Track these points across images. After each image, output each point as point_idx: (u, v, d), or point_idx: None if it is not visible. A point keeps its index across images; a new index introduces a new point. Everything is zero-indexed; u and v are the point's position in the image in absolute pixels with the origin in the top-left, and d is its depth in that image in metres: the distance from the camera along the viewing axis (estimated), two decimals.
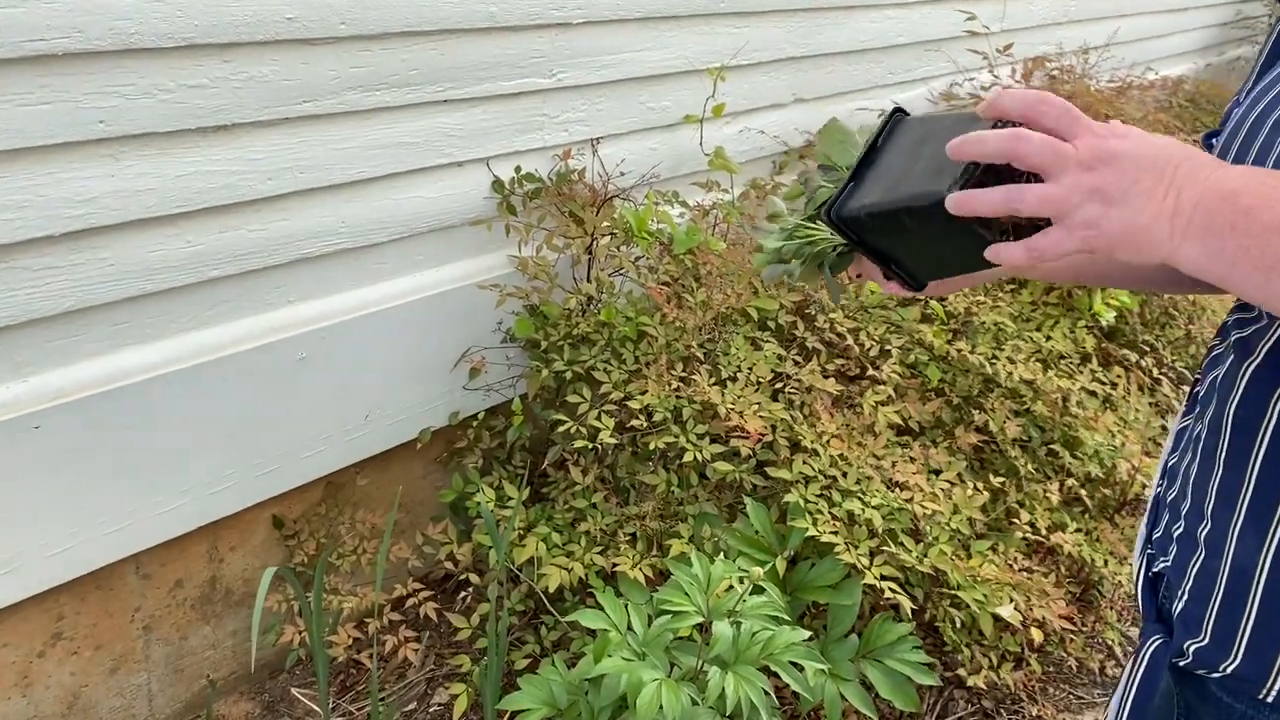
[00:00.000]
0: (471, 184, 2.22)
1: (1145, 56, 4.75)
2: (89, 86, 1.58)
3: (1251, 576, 0.84)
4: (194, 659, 2.10)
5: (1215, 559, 0.89)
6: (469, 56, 2.10)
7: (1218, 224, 0.71)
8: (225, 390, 1.89)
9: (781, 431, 2.10)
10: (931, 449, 2.25)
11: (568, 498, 2.20)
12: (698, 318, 2.21)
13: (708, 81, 2.58)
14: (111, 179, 1.65)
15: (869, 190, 0.92)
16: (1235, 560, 0.86)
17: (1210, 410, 0.92)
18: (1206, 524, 0.90)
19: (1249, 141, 0.82)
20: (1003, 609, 1.94)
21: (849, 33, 3.05)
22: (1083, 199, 0.76)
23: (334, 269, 2.03)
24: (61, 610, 1.85)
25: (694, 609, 1.71)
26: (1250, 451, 0.85)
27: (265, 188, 1.85)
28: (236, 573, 2.11)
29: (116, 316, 1.75)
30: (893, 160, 0.92)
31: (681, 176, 2.66)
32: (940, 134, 0.86)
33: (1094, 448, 2.40)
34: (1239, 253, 0.70)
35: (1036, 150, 0.76)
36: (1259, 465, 0.84)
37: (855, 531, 2.02)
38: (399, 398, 2.20)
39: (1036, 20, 3.93)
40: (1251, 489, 0.85)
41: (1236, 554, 0.86)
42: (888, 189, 0.90)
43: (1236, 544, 0.86)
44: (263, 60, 1.77)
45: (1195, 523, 0.93)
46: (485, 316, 2.28)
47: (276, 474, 2.03)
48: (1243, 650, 0.85)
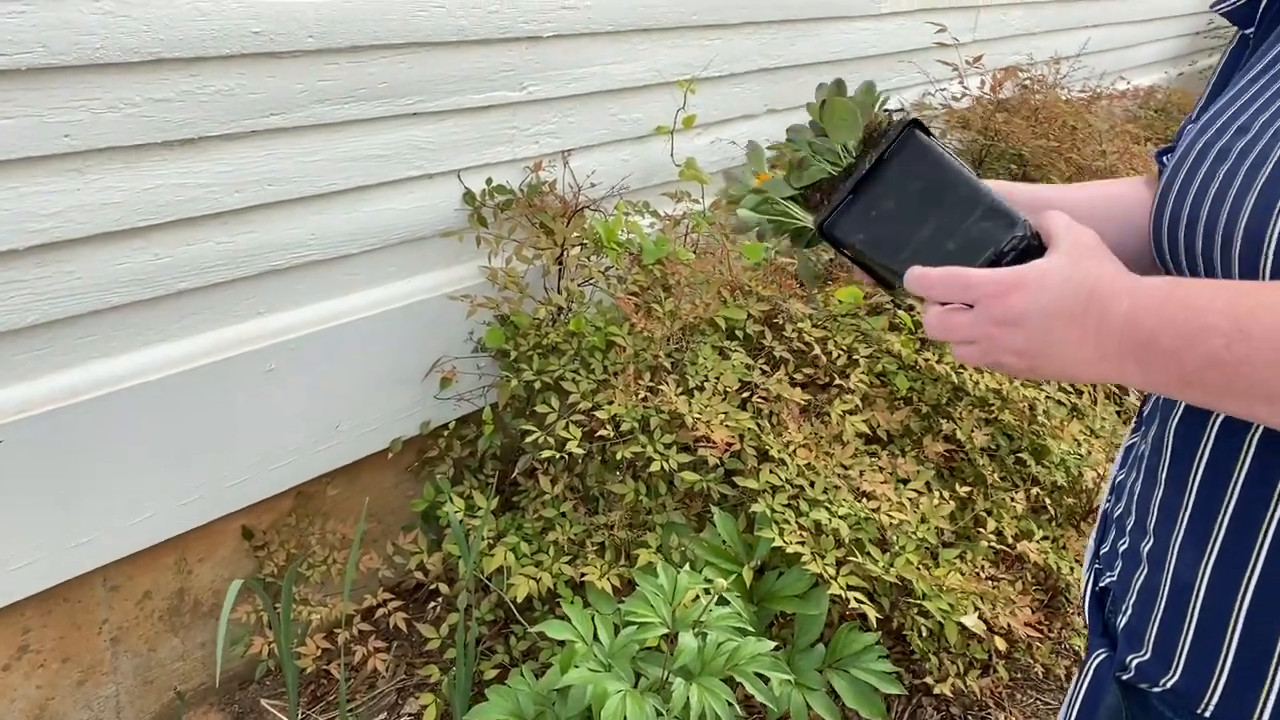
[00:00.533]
0: (442, 196, 2.23)
1: (1118, 66, 4.80)
2: (54, 101, 1.59)
3: (1191, 592, 0.86)
4: (163, 670, 2.10)
5: (1157, 575, 0.90)
6: (439, 70, 2.11)
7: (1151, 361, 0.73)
8: (193, 402, 1.89)
9: (749, 441, 2.12)
10: (899, 458, 2.27)
11: (537, 507, 2.20)
12: (666, 327, 2.22)
13: (679, 93, 2.60)
14: (77, 192, 1.66)
15: (863, 224, 0.93)
16: (1176, 576, 0.87)
17: (1154, 429, 0.93)
18: (1149, 540, 0.92)
19: (1193, 171, 0.83)
20: (966, 618, 1.96)
21: (821, 44, 3.07)
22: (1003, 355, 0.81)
23: (304, 281, 2.04)
24: (27, 623, 1.85)
25: (659, 620, 1.73)
26: (1190, 470, 0.86)
27: (233, 200, 1.85)
28: (205, 584, 2.11)
29: (82, 330, 1.75)
30: (893, 200, 0.91)
31: (653, 187, 2.68)
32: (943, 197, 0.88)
33: (1060, 456, 2.42)
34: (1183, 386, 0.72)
35: (959, 333, 0.83)
36: (1198, 483, 0.85)
37: (822, 541, 2.03)
38: (370, 408, 2.20)
39: (1010, 31, 3.97)
40: (1191, 506, 0.86)
41: (1177, 570, 0.87)
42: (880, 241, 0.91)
43: (1177, 560, 0.87)
44: (229, 74, 1.78)
45: (1139, 539, 0.94)
46: (456, 327, 2.29)
47: (245, 485, 2.04)
48: (1182, 665, 0.86)
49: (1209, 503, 0.84)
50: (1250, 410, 0.69)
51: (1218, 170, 0.80)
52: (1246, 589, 0.80)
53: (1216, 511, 0.83)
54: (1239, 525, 0.80)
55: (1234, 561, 0.80)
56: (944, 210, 0.89)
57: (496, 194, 2.30)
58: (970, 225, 0.88)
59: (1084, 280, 0.78)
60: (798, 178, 1.00)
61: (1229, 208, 0.76)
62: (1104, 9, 4.57)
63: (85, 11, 1.57)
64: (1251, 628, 0.79)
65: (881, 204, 0.92)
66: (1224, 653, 0.82)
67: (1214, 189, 0.79)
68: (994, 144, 3.07)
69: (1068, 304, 0.78)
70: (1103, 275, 0.78)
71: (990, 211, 0.88)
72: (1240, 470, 0.80)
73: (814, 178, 0.98)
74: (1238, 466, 0.80)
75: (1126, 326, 0.74)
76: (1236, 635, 0.80)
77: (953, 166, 0.90)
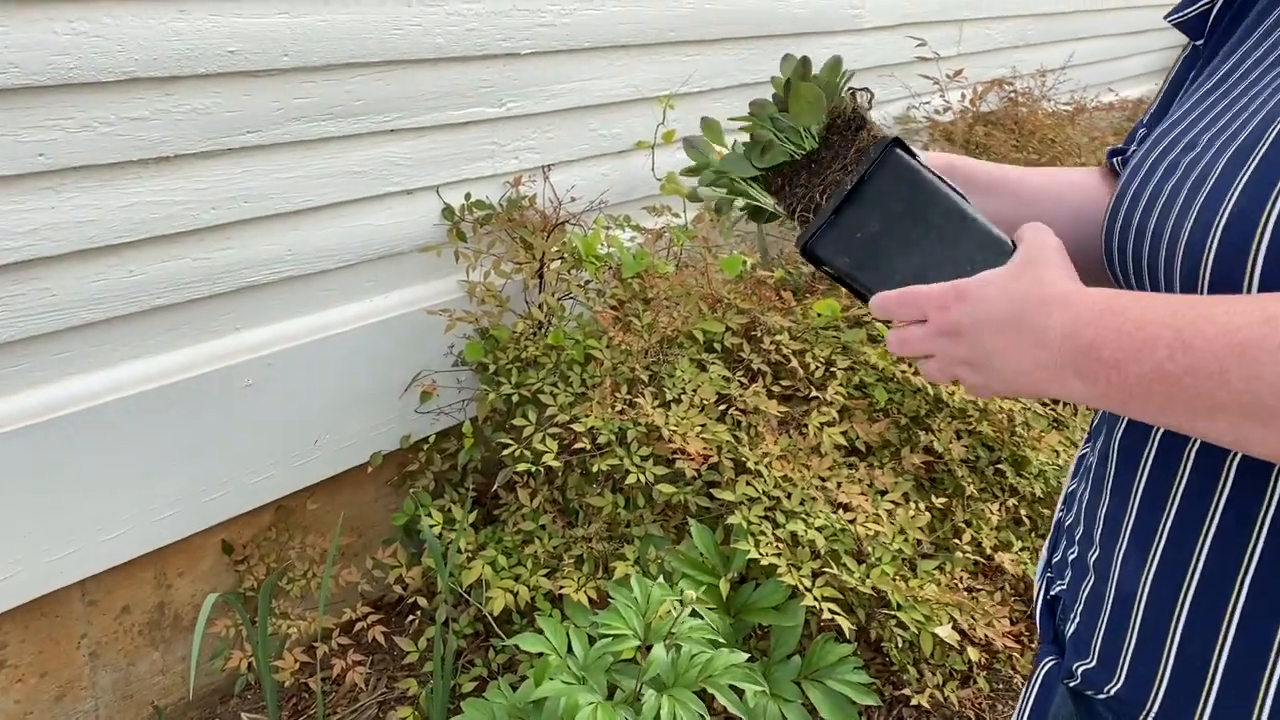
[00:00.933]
0: (421, 211, 2.25)
1: (1106, 78, 4.83)
2: (28, 120, 1.61)
3: (1133, 602, 0.86)
4: (142, 685, 2.10)
5: (1102, 584, 0.91)
6: (416, 87, 2.13)
7: (1092, 372, 0.73)
8: (171, 417, 1.91)
9: (726, 453, 2.13)
10: (878, 470, 2.28)
11: (517, 520, 2.22)
12: (644, 340, 2.24)
13: (659, 108, 2.62)
14: (52, 210, 1.68)
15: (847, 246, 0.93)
16: (1119, 585, 0.88)
17: (1100, 440, 0.95)
18: (1095, 550, 0.93)
19: (1144, 185, 0.84)
20: (940, 629, 1.96)
21: None
22: (956, 367, 0.83)
23: (281, 296, 2.05)
24: (4, 638, 1.86)
25: (631, 632, 1.73)
26: (1133, 481, 0.87)
27: (209, 217, 1.87)
28: (185, 598, 2.12)
29: (59, 345, 1.77)
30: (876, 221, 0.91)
31: (634, 201, 2.70)
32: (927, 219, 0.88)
33: (1039, 467, 2.43)
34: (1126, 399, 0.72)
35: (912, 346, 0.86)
36: (1140, 495, 0.86)
37: (798, 553, 2.04)
38: (349, 422, 2.22)
39: (994, 44, 3.99)
40: (1134, 517, 0.87)
41: (1120, 579, 0.88)
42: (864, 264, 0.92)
43: (1120, 570, 0.88)
44: (204, 92, 1.80)
45: (1086, 548, 0.95)
46: (436, 341, 2.31)
47: (224, 500, 2.05)
48: (1125, 673, 0.87)
49: (1150, 514, 0.85)
50: (1193, 424, 0.69)
51: (1165, 185, 0.81)
52: (1185, 600, 0.80)
53: (1157, 523, 0.84)
54: (1178, 537, 0.81)
55: (1173, 572, 0.81)
56: (930, 233, 0.89)
57: (476, 209, 2.32)
58: (960, 253, 0.88)
59: (1019, 290, 0.79)
60: (759, 155, 0.98)
61: (1173, 221, 0.77)
62: (1091, 22, 4.59)
63: (59, 32, 1.59)
64: (1189, 638, 0.80)
65: (865, 225, 0.92)
66: (1163, 661, 0.83)
67: (1161, 203, 0.80)
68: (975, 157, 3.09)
69: (1001, 313, 0.78)
70: (1041, 284, 0.78)
71: (978, 237, 0.88)
72: (1180, 482, 0.81)
73: (776, 160, 0.97)
74: (1177, 478, 0.81)
75: (1065, 338, 0.74)
76: (1175, 645, 0.81)
77: (936, 187, 0.90)
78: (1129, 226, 0.84)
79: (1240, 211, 0.70)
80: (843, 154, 0.94)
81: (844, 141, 0.95)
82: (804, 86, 0.94)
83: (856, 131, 0.94)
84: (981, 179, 1.07)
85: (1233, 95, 0.81)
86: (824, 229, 0.93)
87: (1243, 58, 0.84)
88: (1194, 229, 0.74)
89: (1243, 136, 0.74)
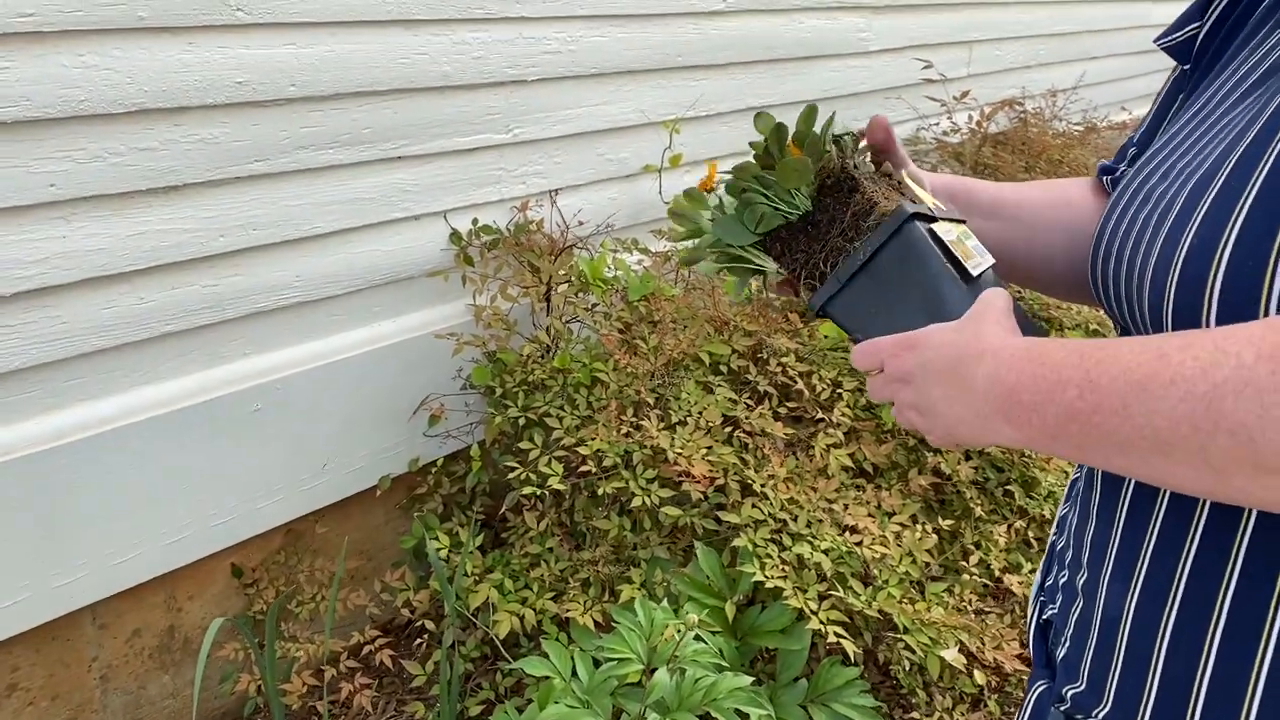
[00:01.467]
0: (429, 236, 2.28)
1: (1118, 97, 4.82)
2: (39, 152, 1.64)
3: (1119, 625, 0.87)
4: (153, 708, 2.12)
5: (1090, 607, 0.91)
6: (423, 115, 2.16)
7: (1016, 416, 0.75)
8: (181, 442, 1.93)
9: (732, 475, 2.13)
10: (885, 491, 2.27)
11: (524, 543, 2.22)
12: (650, 363, 2.25)
13: (665, 133, 2.64)
14: (63, 240, 1.71)
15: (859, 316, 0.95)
16: (1105, 609, 0.89)
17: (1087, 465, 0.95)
18: (1084, 573, 0.93)
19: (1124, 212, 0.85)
20: (946, 652, 1.95)
21: (810, 82, 3.11)
22: (908, 411, 0.87)
23: (289, 322, 2.08)
24: (16, 661, 1.88)
25: (635, 656, 1.74)
26: (1116, 505, 0.88)
27: (217, 244, 1.90)
28: (195, 621, 2.13)
29: (70, 372, 1.79)
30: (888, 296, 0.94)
31: (642, 224, 2.71)
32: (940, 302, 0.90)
33: (1049, 489, 2.42)
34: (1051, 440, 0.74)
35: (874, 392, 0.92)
36: (1123, 518, 0.87)
37: (805, 575, 2.04)
38: (358, 446, 2.24)
39: (1004, 65, 4.00)
40: (1118, 541, 0.87)
41: (1106, 603, 0.89)
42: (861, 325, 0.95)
43: (1106, 593, 0.89)
44: (213, 122, 1.83)
45: (1075, 572, 0.96)
46: (444, 364, 2.32)
47: (234, 523, 2.07)
48: (1112, 697, 0.88)
49: (1133, 538, 0.85)
50: (1108, 460, 0.71)
51: (1139, 215, 0.82)
52: (1167, 622, 0.81)
53: (1140, 547, 0.85)
54: (1159, 560, 0.82)
55: (1156, 595, 0.82)
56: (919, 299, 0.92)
57: (483, 234, 2.34)
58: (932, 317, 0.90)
59: (958, 341, 0.82)
60: (753, 220, 1.00)
61: (1142, 252, 0.79)
62: (1103, 41, 4.60)
63: (69, 65, 1.62)
64: (1172, 659, 0.81)
65: (878, 299, 0.94)
66: (1149, 684, 0.83)
67: (1134, 232, 0.81)
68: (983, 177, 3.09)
69: (943, 363, 0.82)
70: (978, 338, 0.81)
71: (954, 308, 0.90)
72: (1160, 506, 0.82)
73: (772, 225, 0.99)
74: (1157, 503, 0.82)
75: (991, 384, 0.77)
76: (1160, 667, 0.82)
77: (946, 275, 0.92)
78: (1109, 256, 0.85)
79: (1199, 242, 0.71)
80: (839, 217, 0.96)
81: (838, 204, 0.96)
82: (790, 159, 0.96)
83: (850, 194, 0.96)
84: (982, 203, 1.10)
85: (1205, 125, 0.82)
86: (836, 295, 0.96)
87: (1219, 87, 0.85)
88: (1158, 260, 0.75)
89: (1204, 167, 0.75)
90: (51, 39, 1.60)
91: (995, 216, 1.08)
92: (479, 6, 2.18)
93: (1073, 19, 4.34)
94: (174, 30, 1.74)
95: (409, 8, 2.06)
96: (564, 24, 2.37)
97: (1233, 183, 0.70)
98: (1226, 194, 0.70)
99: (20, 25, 1.56)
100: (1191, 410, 0.63)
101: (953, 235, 0.96)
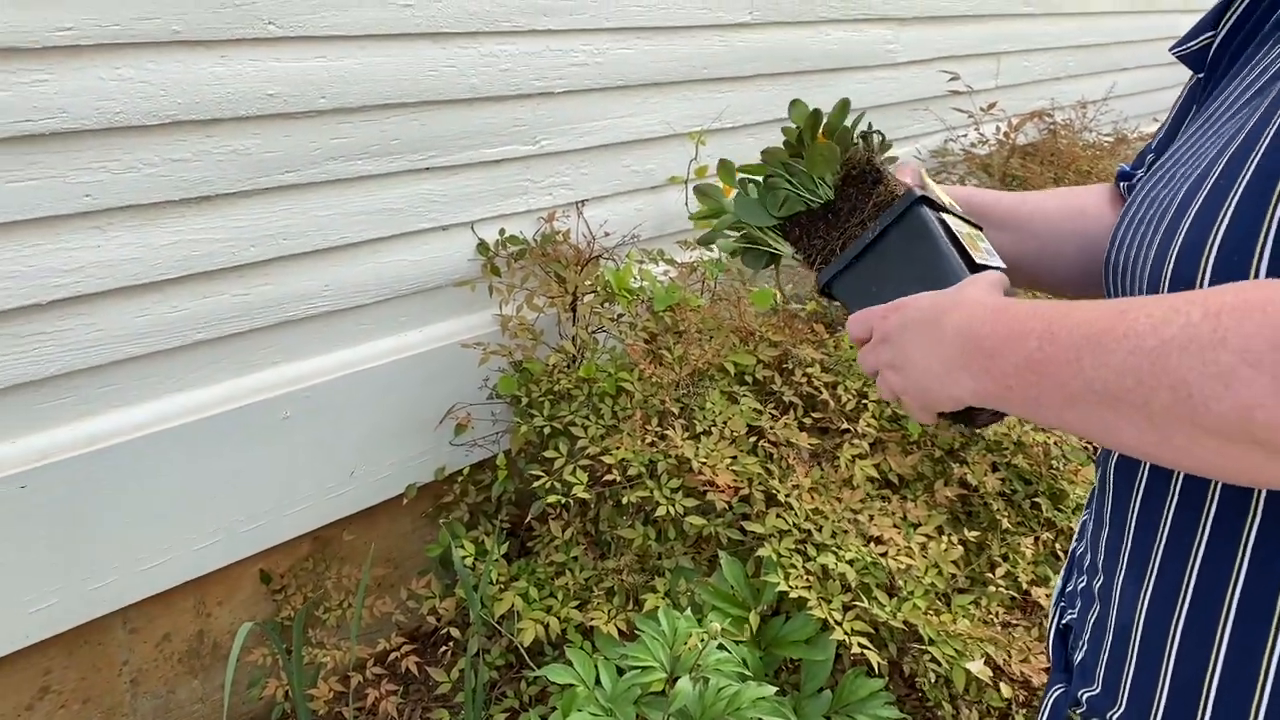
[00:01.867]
0: (456, 247, 2.30)
1: (1149, 108, 4.79)
2: (76, 163, 1.67)
3: (1131, 628, 0.87)
4: (182, 713, 2.14)
5: (1105, 611, 0.92)
6: (451, 126, 2.18)
7: (975, 364, 0.78)
8: (210, 449, 1.96)
9: (757, 485, 2.13)
10: (910, 503, 2.26)
11: (549, 551, 2.23)
12: (675, 373, 2.25)
13: (691, 144, 2.65)
14: (98, 249, 1.74)
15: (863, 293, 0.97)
16: (1119, 612, 0.89)
17: (1100, 468, 0.96)
18: (1100, 577, 0.94)
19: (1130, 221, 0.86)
20: (972, 664, 1.94)
21: (836, 93, 3.10)
22: (885, 371, 0.91)
23: (318, 331, 2.10)
24: (49, 664, 1.91)
25: (658, 664, 1.74)
26: (1127, 509, 0.88)
27: (248, 254, 1.93)
28: (224, 626, 2.16)
29: (103, 379, 1.82)
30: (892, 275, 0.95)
31: (667, 235, 2.73)
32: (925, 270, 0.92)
33: (1077, 501, 2.40)
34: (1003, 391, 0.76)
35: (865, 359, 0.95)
36: (1134, 522, 0.87)
37: (829, 586, 2.03)
38: (385, 454, 2.26)
39: (1033, 76, 3.98)
40: (1129, 544, 0.88)
41: (1120, 606, 0.89)
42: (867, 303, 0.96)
43: (1120, 596, 0.89)
44: (245, 134, 1.86)
45: (1092, 576, 0.96)
46: (470, 374, 2.34)
47: (262, 530, 2.09)
48: (1126, 699, 0.88)
49: (1143, 541, 0.86)
50: (1060, 416, 0.72)
51: (1143, 217, 0.84)
52: (1177, 624, 0.82)
53: (1150, 550, 0.85)
54: (1169, 563, 0.83)
55: (1166, 597, 0.83)
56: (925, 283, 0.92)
57: (510, 244, 2.36)
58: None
59: (939, 299, 0.86)
60: (774, 201, 1.02)
61: (1141, 254, 0.81)
62: (1132, 52, 4.57)
63: (105, 78, 1.66)
64: (1183, 661, 0.82)
65: (881, 277, 0.96)
66: (1160, 686, 0.84)
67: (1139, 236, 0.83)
68: (1011, 189, 3.08)
69: (919, 316, 0.86)
70: (959, 292, 0.84)
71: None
72: (1168, 509, 0.83)
73: (793, 209, 1.01)
74: (1165, 506, 0.83)
75: (957, 334, 0.80)
76: (1170, 669, 0.83)
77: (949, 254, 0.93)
78: (1116, 259, 0.87)
79: (1189, 242, 0.72)
80: (860, 207, 0.98)
81: (860, 195, 0.98)
82: (819, 145, 0.98)
83: (873, 186, 0.98)
84: (995, 213, 1.12)
85: (1208, 130, 0.83)
86: (841, 271, 0.98)
87: (1227, 95, 0.86)
88: (1154, 261, 0.77)
89: (1198, 170, 0.77)
90: (89, 52, 1.64)
91: (1007, 227, 1.10)
92: (507, 19, 2.20)
93: (1101, 31, 4.32)
94: (207, 44, 1.77)
95: (437, 21, 2.08)
96: (591, 36, 2.39)
97: (1221, 183, 0.71)
98: (1215, 194, 0.71)
99: (59, 39, 1.60)
100: (1138, 364, 0.65)
101: (964, 230, 0.97)
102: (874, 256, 0.96)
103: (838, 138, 0.98)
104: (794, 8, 2.88)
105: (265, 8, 1.82)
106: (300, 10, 1.87)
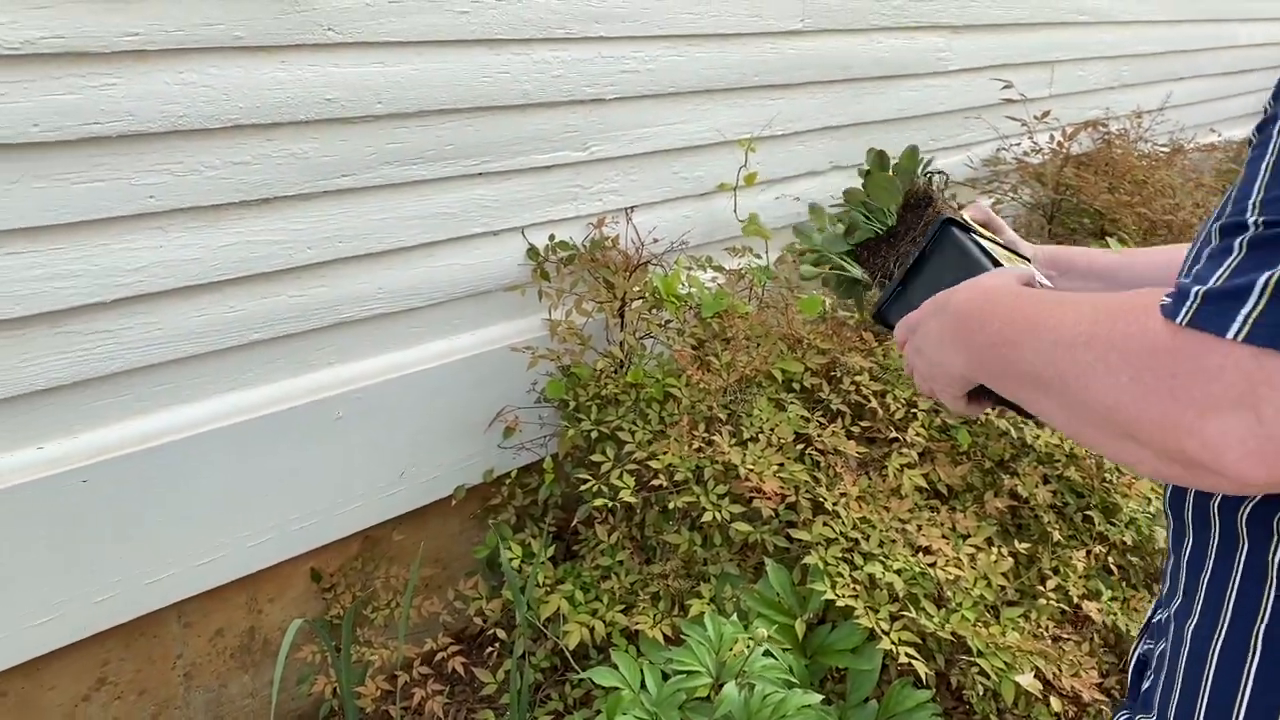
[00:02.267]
0: (507, 252, 2.32)
1: (1208, 118, 4.71)
2: (140, 165, 1.71)
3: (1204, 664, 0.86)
4: (233, 707, 2.18)
5: (1179, 645, 0.91)
6: (504, 132, 2.21)
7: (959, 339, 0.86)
8: (264, 447, 1.99)
9: (804, 493, 2.12)
10: (959, 513, 2.24)
11: (595, 555, 2.24)
12: (722, 379, 2.25)
13: (740, 151, 2.65)
14: (159, 249, 1.78)
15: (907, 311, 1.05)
16: (1173, 641, 0.89)
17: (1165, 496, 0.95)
18: (1164, 610, 0.93)
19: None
20: (1021, 677, 1.92)
21: (889, 101, 3.10)
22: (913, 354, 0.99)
23: (371, 333, 2.13)
24: (107, 655, 1.95)
25: (704, 669, 1.74)
26: (1184, 540, 0.88)
27: (305, 256, 1.96)
28: (275, 623, 2.19)
29: (162, 377, 1.86)
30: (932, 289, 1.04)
31: (716, 242, 2.73)
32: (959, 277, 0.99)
33: (1130, 515, 2.36)
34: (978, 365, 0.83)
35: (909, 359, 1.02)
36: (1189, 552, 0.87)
37: (876, 595, 2.02)
38: (434, 456, 2.28)
39: (1088, 85, 3.94)
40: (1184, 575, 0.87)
41: (1174, 636, 0.89)
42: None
43: (1175, 625, 0.89)
44: (303, 138, 1.89)
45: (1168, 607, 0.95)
46: (519, 377, 2.36)
47: (314, 529, 2.12)
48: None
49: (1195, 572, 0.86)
50: (1016, 392, 0.78)
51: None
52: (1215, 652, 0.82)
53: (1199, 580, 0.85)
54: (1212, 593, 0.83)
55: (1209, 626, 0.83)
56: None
57: (560, 249, 2.37)
58: None
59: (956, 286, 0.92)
60: (851, 235, 1.19)
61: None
62: (1189, 61, 4.50)
63: (170, 83, 1.70)
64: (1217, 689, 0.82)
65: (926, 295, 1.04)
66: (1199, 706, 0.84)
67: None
68: (1065, 199, 3.04)
69: (939, 302, 0.93)
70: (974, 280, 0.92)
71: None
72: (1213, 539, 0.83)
73: (863, 237, 1.17)
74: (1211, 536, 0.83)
75: (955, 312, 0.88)
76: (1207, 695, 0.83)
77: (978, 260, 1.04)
78: None
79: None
80: (913, 228, 1.13)
81: (914, 217, 1.13)
82: (879, 176, 1.15)
83: (925, 208, 1.12)
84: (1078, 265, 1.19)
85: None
86: (893, 298, 1.10)
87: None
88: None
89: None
90: (154, 57, 1.68)
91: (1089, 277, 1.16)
92: (560, 26, 2.22)
93: (1158, 39, 4.26)
94: (268, 49, 1.81)
95: (492, 28, 2.11)
96: (642, 44, 2.41)
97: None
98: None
99: (126, 44, 1.64)
100: (1055, 356, 0.71)
101: (999, 252, 1.08)
102: (917, 282, 1.08)
103: (900, 172, 1.15)
104: (846, 15, 2.87)
105: (325, 14, 1.85)
106: (359, 17, 1.90)
